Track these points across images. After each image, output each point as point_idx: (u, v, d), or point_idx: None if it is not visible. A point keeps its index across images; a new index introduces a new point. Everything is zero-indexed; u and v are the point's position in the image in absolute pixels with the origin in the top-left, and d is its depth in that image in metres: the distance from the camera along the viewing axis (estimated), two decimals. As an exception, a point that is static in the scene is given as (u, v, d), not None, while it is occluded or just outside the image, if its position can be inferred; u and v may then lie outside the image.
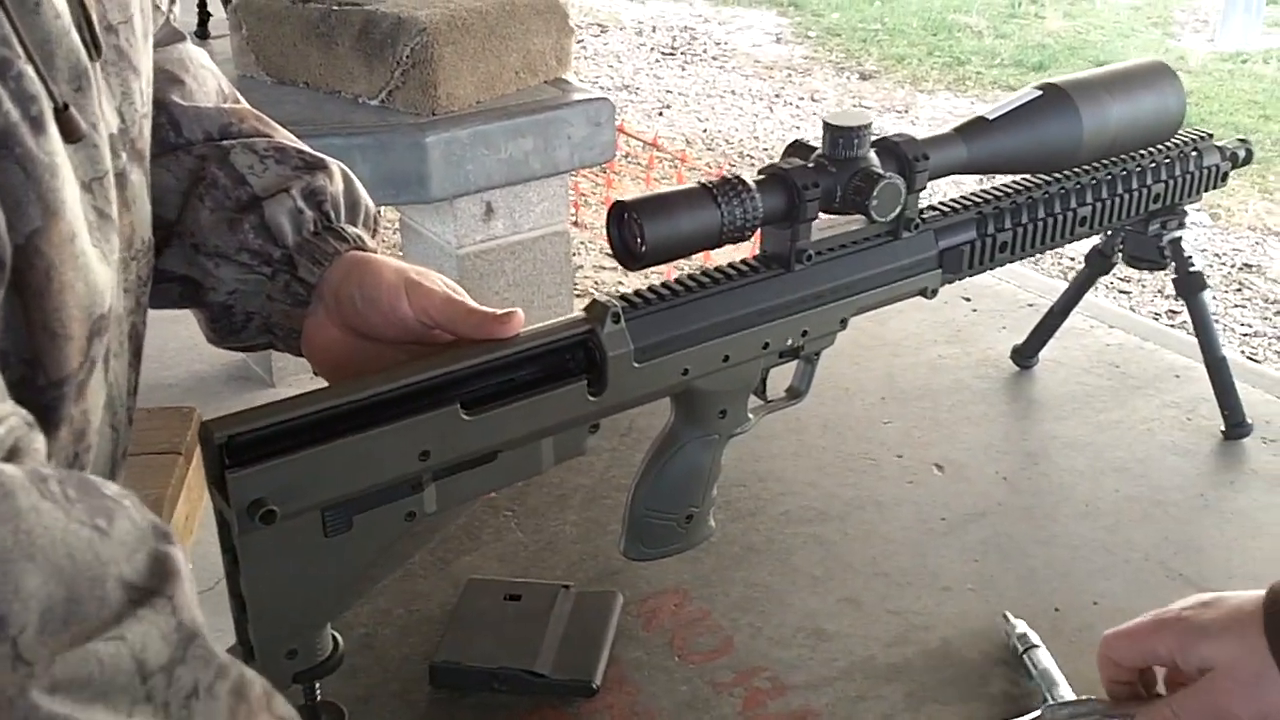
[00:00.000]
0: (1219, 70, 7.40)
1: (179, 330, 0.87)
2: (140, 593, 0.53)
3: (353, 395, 0.82)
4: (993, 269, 1.17)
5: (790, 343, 1.03)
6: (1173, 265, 1.31)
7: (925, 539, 1.17)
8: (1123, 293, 4.41)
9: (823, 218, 1.04)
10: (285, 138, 0.99)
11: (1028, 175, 1.19)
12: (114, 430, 0.86)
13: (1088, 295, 1.44)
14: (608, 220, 0.97)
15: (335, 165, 0.97)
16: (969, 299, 1.60)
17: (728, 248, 1.00)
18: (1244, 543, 1.16)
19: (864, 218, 1.02)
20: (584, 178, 4.68)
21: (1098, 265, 1.37)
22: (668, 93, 6.81)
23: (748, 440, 1.05)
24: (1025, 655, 1.01)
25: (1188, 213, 1.29)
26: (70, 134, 0.67)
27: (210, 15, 2.97)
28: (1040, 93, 1.13)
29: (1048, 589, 1.10)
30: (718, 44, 7.79)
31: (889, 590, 1.10)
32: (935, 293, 1.13)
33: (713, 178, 0.97)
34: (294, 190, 0.92)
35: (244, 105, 1.01)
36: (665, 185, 4.78)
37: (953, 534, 1.18)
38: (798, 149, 1.05)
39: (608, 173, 4.64)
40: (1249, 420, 1.32)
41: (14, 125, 0.61)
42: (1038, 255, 1.22)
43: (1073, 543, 1.17)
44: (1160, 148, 1.25)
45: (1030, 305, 1.59)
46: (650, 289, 0.97)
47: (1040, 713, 0.91)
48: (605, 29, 7.77)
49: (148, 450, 2.16)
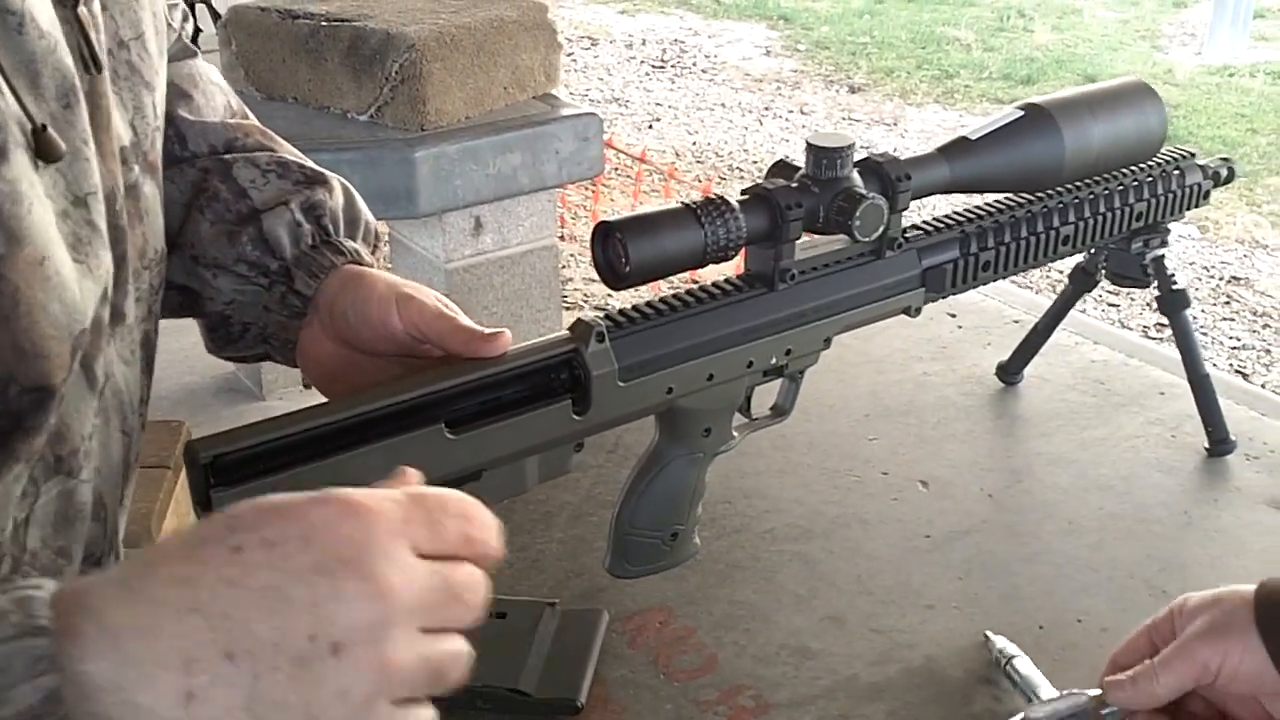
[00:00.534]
0: (1206, 84, 7.43)
1: (168, 343, 0.87)
2: None
3: (337, 415, 0.82)
4: (976, 287, 1.18)
5: (774, 361, 1.04)
6: (1155, 283, 1.31)
7: (910, 556, 1.17)
8: (1111, 305, 4.42)
9: (806, 237, 1.04)
10: (289, 152, 0.99)
11: (1010, 194, 1.20)
12: (125, 435, 0.86)
13: (1073, 312, 1.45)
14: (592, 240, 0.97)
15: (336, 180, 0.97)
16: (954, 315, 1.61)
17: (712, 266, 1.00)
18: (1228, 560, 1.17)
19: (847, 237, 1.03)
20: (572, 191, 4.69)
21: (1081, 283, 1.38)
22: (657, 105, 6.83)
23: (733, 457, 1.05)
24: (1006, 666, 1.01)
25: (1170, 231, 1.30)
26: (49, 155, 0.66)
27: (200, 30, 2.97)
28: (1022, 113, 1.14)
29: (1032, 606, 1.11)
30: (707, 57, 7.81)
31: (873, 608, 1.11)
32: (919, 311, 1.13)
33: (697, 198, 0.97)
34: (293, 204, 0.93)
35: (251, 121, 1.01)
36: (654, 199, 4.79)
37: (937, 551, 1.18)
38: (781, 169, 1.06)
39: (596, 186, 4.64)
40: (1233, 437, 1.32)
41: None
42: (1022, 274, 1.23)
43: (1056, 560, 1.17)
44: (1142, 166, 1.25)
45: (1016, 322, 1.60)
46: (635, 308, 0.98)
47: (1023, 716, 0.91)
48: (596, 42, 7.79)
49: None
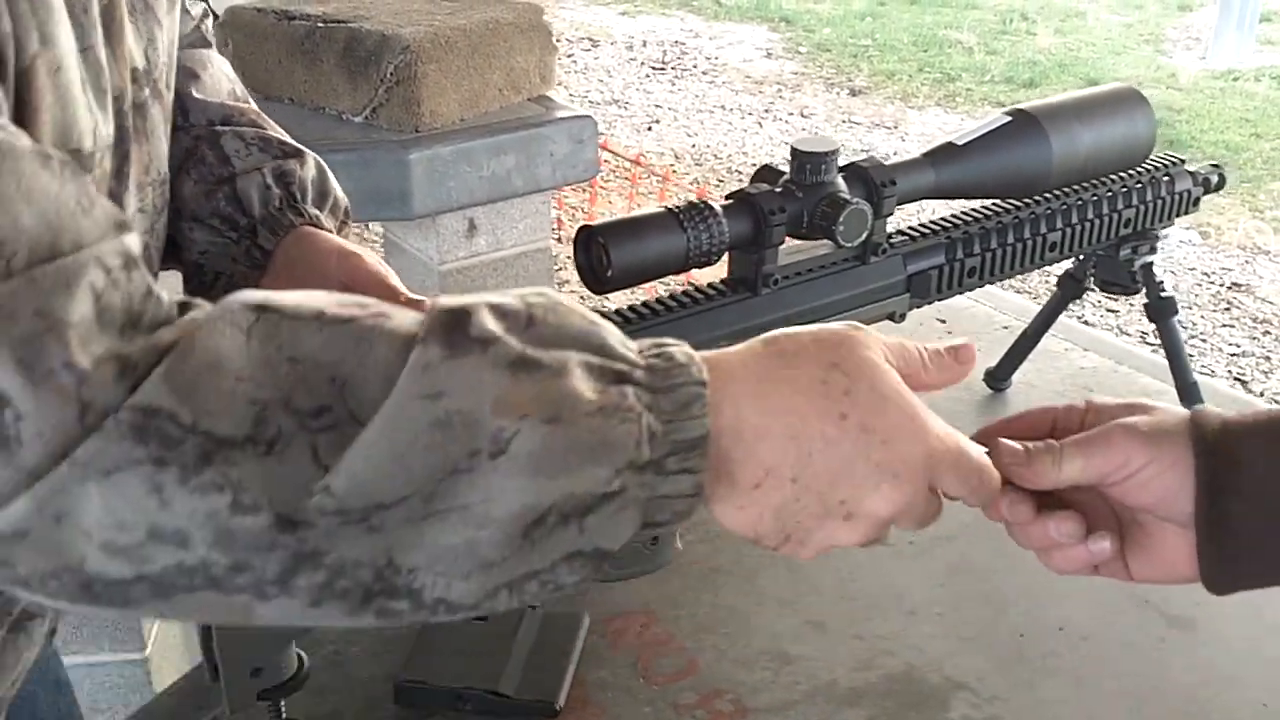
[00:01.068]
0: (1210, 88, 7.43)
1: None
2: None
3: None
4: (961, 293, 1.18)
5: (757, 366, 1.04)
6: (1144, 290, 1.31)
7: (892, 562, 1.17)
8: (1110, 311, 4.40)
9: (791, 242, 1.04)
10: (276, 132, 1.07)
11: (998, 200, 1.20)
12: None
13: (1063, 317, 1.45)
14: (575, 243, 0.98)
15: (311, 157, 1.06)
16: (943, 320, 1.61)
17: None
18: (1210, 567, 1.17)
19: (831, 242, 1.03)
20: (569, 193, 4.69)
21: (1070, 289, 1.38)
22: (657, 107, 6.83)
23: (715, 462, 1.05)
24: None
25: (1159, 237, 1.30)
26: None
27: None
28: (1009, 118, 1.14)
29: (1013, 613, 1.11)
30: (708, 59, 7.81)
31: (855, 613, 1.11)
32: (903, 317, 1.14)
33: (681, 203, 0.98)
34: (266, 170, 1.02)
35: (250, 105, 1.11)
36: (650, 201, 4.79)
37: (920, 557, 1.18)
38: (766, 174, 1.06)
39: (593, 189, 4.64)
40: (1218, 445, 1.32)
41: None
42: (1017, 279, 1.23)
43: (1038, 567, 1.16)
44: (1131, 173, 1.26)
45: (1005, 328, 1.60)
46: (617, 311, 0.98)
47: None
48: (596, 43, 7.80)
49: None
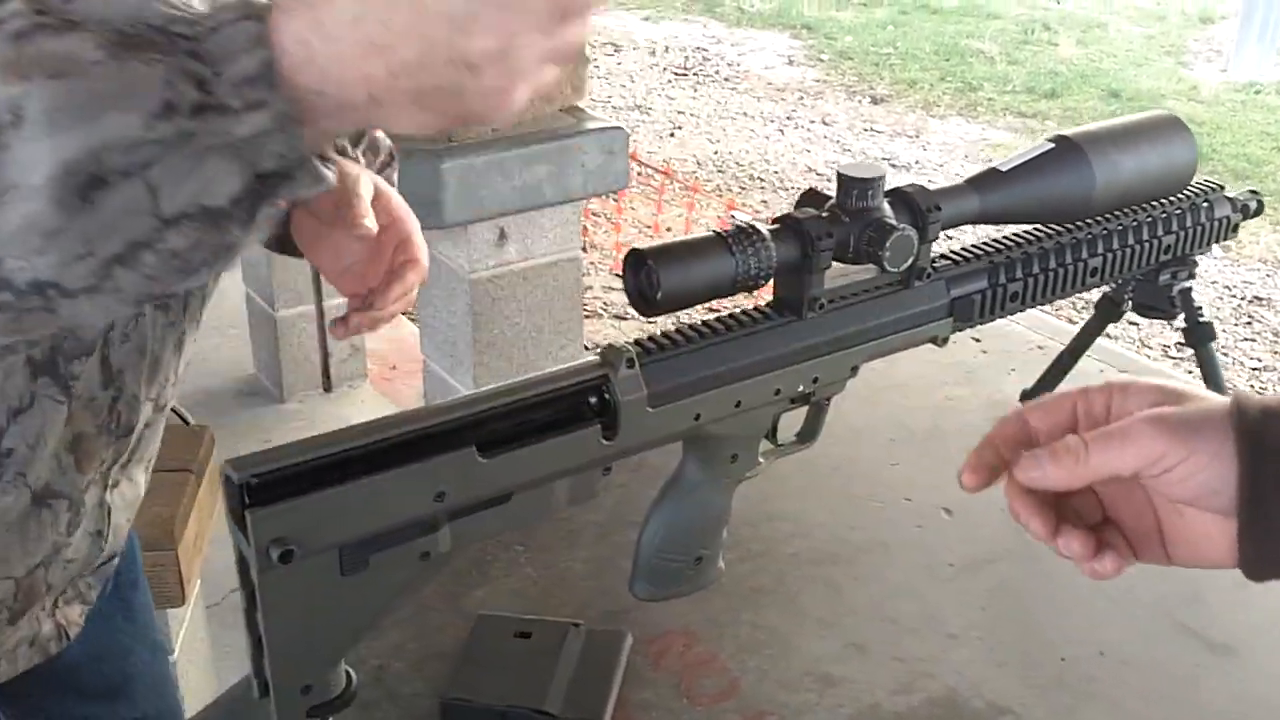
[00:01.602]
0: (1231, 101, 7.41)
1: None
2: None
3: (371, 437, 0.83)
4: (1003, 317, 1.18)
5: (801, 389, 1.04)
6: (1182, 315, 1.32)
7: (933, 584, 1.18)
8: (1132, 323, 4.41)
9: (836, 266, 1.05)
10: None
11: (1039, 225, 1.20)
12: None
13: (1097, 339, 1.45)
14: (624, 267, 0.98)
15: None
16: (979, 340, 1.62)
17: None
18: (1247, 594, 1.16)
19: (876, 267, 1.03)
20: (594, 201, 4.70)
21: (1108, 312, 1.38)
22: (679, 113, 6.84)
23: (757, 480, 1.06)
24: None
25: (1198, 263, 1.30)
26: None
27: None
28: (1053, 145, 1.15)
29: (1054, 638, 1.11)
30: (730, 65, 7.81)
31: (896, 636, 1.11)
32: (946, 341, 1.14)
33: (724, 224, 0.98)
34: None
35: None
36: (676, 209, 4.80)
37: (960, 580, 1.19)
38: (811, 198, 1.06)
39: (619, 198, 4.65)
40: (1255, 470, 1.32)
41: None
42: (1049, 305, 1.23)
43: (1078, 592, 1.18)
44: (1171, 199, 1.26)
45: (1040, 348, 1.60)
46: (664, 334, 0.98)
47: None
48: (619, 48, 7.81)
49: (159, 468, 2.16)
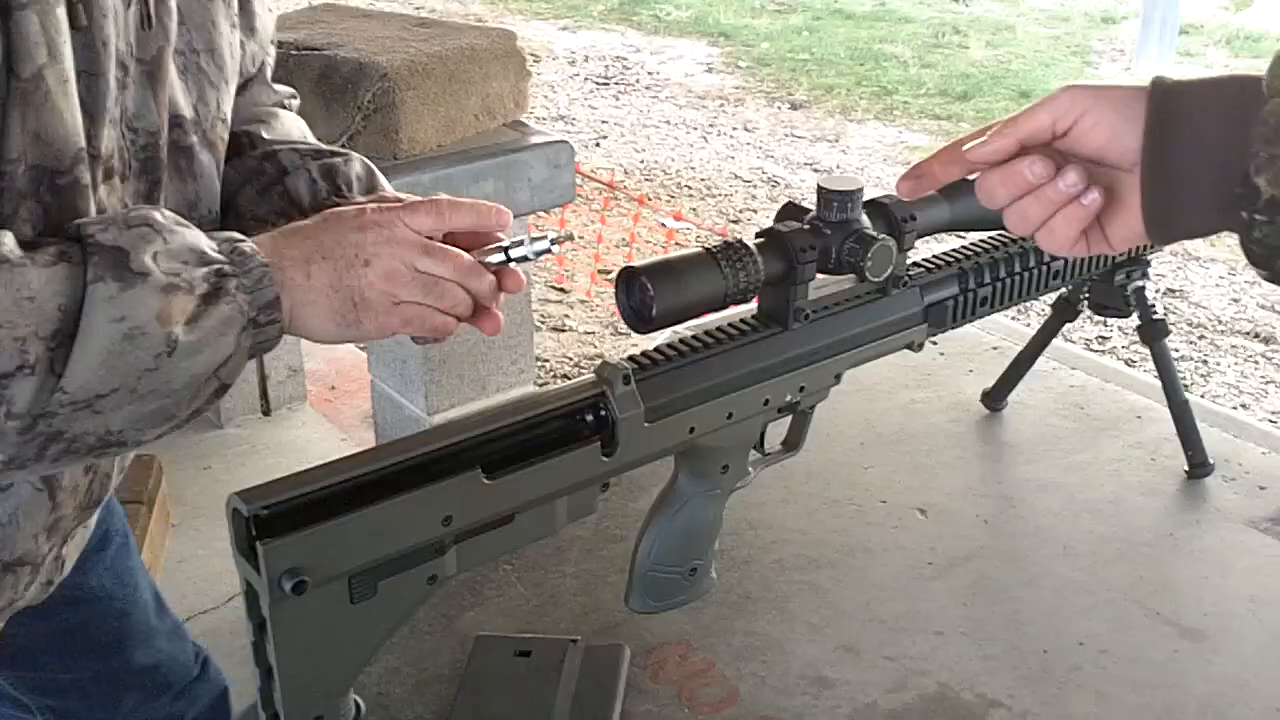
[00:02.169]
0: (1137, 98, 7.57)
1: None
2: None
3: (377, 464, 0.84)
4: (972, 321, 1.22)
5: (789, 398, 1.07)
6: (1136, 313, 1.36)
7: (915, 584, 1.21)
8: (1102, 338, 4.43)
9: (816, 276, 1.07)
10: (330, 147, 1.18)
11: (1003, 231, 1.24)
12: None
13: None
14: (617, 285, 1.00)
15: (358, 157, 1.15)
16: (936, 343, 1.65)
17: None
18: (1215, 581, 1.22)
19: (855, 276, 1.06)
20: (538, 215, 4.69)
21: (1064, 312, 1.43)
22: (603, 123, 6.85)
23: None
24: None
25: (1151, 263, 1.35)
26: (73, 20, 0.88)
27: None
28: (1017, 153, 1.18)
29: (1035, 631, 1.15)
30: (650, 74, 7.85)
31: (885, 636, 1.14)
32: (921, 346, 1.17)
33: (714, 243, 1.00)
34: (312, 168, 1.12)
35: (313, 143, 1.21)
36: (622, 221, 4.80)
37: (941, 578, 1.22)
38: (791, 211, 1.09)
39: (563, 210, 4.65)
40: (1210, 460, 1.37)
41: None
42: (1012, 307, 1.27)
43: (1055, 584, 1.21)
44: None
45: (995, 348, 1.64)
46: (658, 349, 1.00)
47: None
48: (538, 59, 7.81)
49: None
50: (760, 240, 1.03)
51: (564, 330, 4.24)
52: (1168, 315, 5.34)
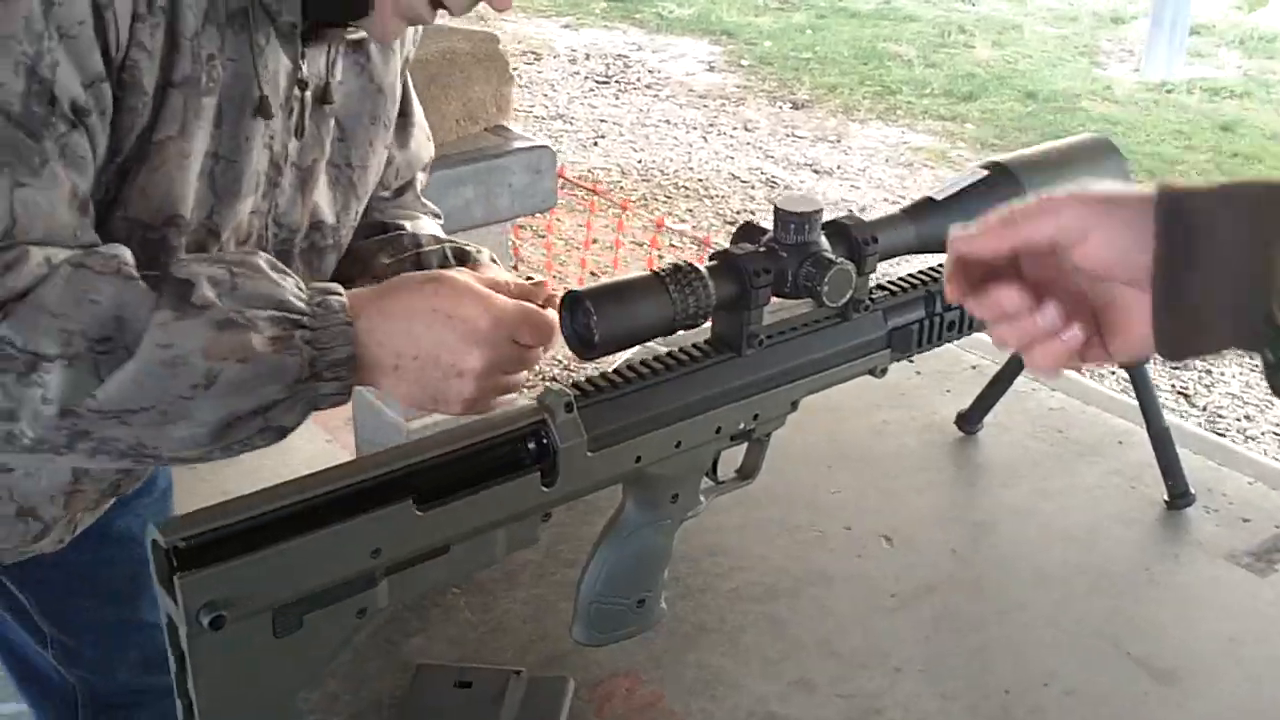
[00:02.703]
0: (1144, 100, 7.53)
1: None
2: None
3: (304, 494, 0.80)
4: (941, 346, 1.18)
5: (742, 426, 1.03)
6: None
7: (876, 616, 1.17)
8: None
9: (773, 300, 1.03)
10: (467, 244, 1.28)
11: (974, 251, 1.20)
12: None
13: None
14: (560, 309, 0.96)
15: (487, 251, 1.24)
16: (912, 361, 1.60)
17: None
18: (1190, 620, 1.17)
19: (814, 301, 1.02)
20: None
21: (1041, 333, 1.38)
22: (602, 122, 6.82)
23: (696, 514, 1.05)
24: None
25: (1130, 284, 1.31)
26: (262, 110, 1.02)
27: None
28: (986, 172, 1.14)
29: (999, 668, 1.11)
30: (651, 72, 7.81)
31: (841, 671, 1.10)
32: (884, 372, 1.13)
33: (664, 266, 0.96)
34: (446, 247, 1.23)
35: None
36: (607, 223, 4.77)
37: (903, 610, 1.18)
38: (748, 232, 1.05)
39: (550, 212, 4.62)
40: (1192, 490, 1.33)
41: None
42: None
43: (1023, 618, 1.17)
44: (1103, 221, 1.26)
45: (974, 367, 1.60)
46: (602, 375, 0.96)
47: None
48: (539, 56, 7.77)
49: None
50: (712, 263, 0.99)
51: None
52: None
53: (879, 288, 1.13)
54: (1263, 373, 0.70)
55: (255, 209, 1.08)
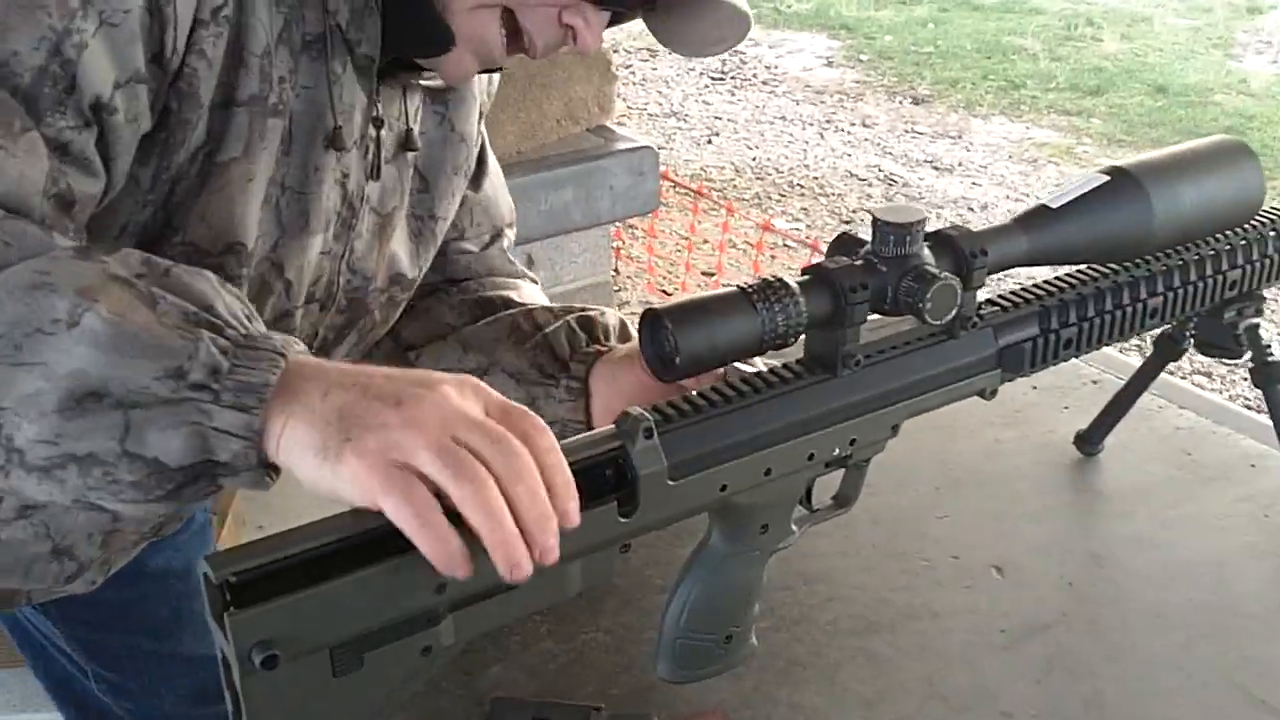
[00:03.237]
0: (1282, 93, 7.23)
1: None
2: None
3: (363, 527, 0.76)
4: (1053, 365, 1.09)
5: (838, 452, 0.96)
6: (1249, 353, 1.22)
7: (984, 655, 1.09)
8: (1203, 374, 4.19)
9: (872, 316, 0.97)
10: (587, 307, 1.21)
11: (1092, 265, 1.11)
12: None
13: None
14: (640, 328, 0.91)
15: (611, 311, 1.18)
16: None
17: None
18: (1328, 664, 1.08)
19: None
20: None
21: (1167, 351, 1.29)
22: (716, 119, 6.75)
23: (791, 538, 0.98)
24: None
25: (1265, 299, 1.21)
26: (335, 143, 0.98)
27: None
28: (1107, 177, 1.06)
29: (1116, 715, 1.02)
30: (768, 68, 7.71)
31: (945, 715, 1.02)
32: (994, 394, 1.06)
33: (752, 281, 0.90)
34: (570, 319, 1.14)
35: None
36: (713, 219, 4.70)
37: (1014, 649, 1.10)
38: (845, 243, 0.98)
39: (653, 218, 4.57)
40: (1332, 520, 1.23)
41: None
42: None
43: (1142, 659, 1.08)
44: (1237, 230, 1.16)
45: (1094, 382, 1.51)
46: (686, 399, 0.90)
47: None
48: (655, 54, 7.72)
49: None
50: (805, 278, 0.93)
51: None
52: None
53: (988, 302, 1.06)
54: None
55: (327, 249, 1.03)
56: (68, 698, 1.41)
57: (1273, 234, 1.18)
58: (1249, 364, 1.24)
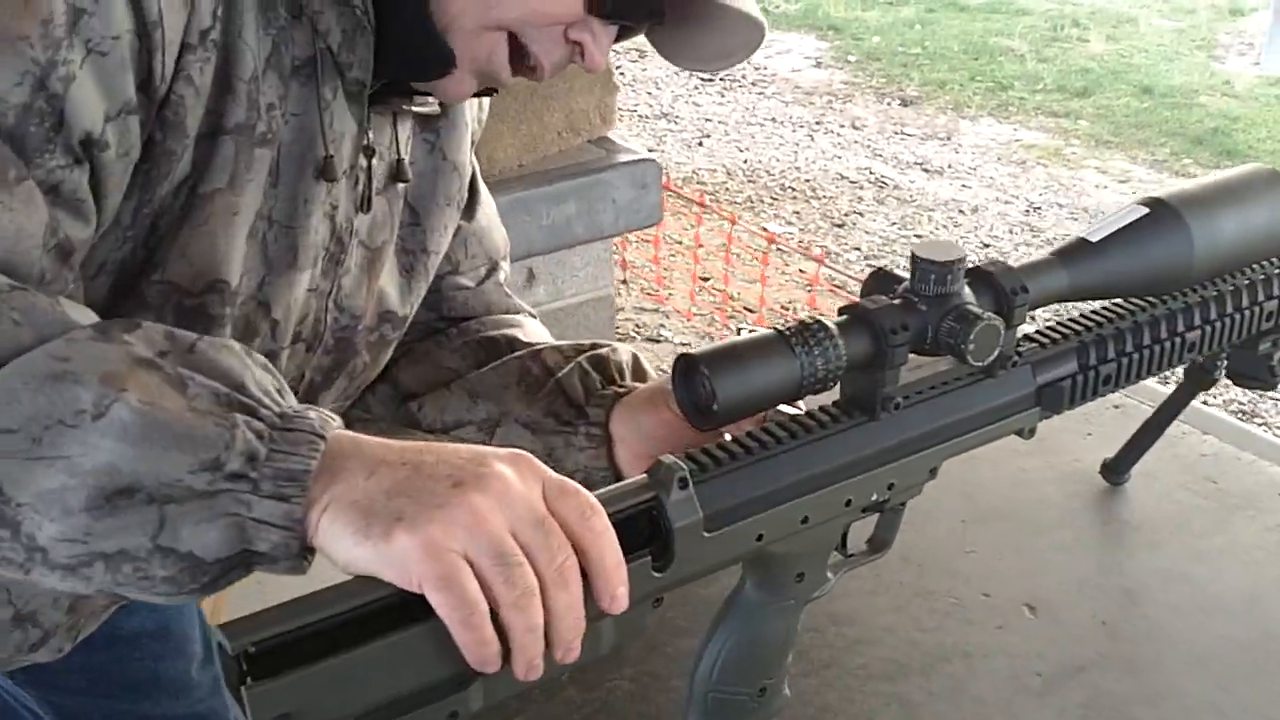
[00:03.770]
0: (1266, 95, 7.24)
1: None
2: None
3: (386, 590, 0.72)
4: (1091, 401, 1.07)
5: (875, 497, 0.93)
6: (1284, 384, 1.19)
7: (1020, 698, 1.06)
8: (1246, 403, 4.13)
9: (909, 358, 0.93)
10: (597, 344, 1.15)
11: (1128, 298, 1.08)
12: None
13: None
14: (673, 374, 0.87)
15: (623, 347, 1.12)
16: (1049, 400, 1.49)
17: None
18: (1374, 705, 1.05)
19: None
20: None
21: (1198, 380, 1.26)
22: (706, 121, 6.72)
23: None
24: None
25: (1301, 328, 1.18)
26: (326, 173, 0.91)
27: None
28: (1146, 209, 1.03)
29: (1158, 764, 1.00)
30: (757, 69, 7.68)
31: (982, 766, 1.00)
32: (1033, 433, 1.03)
33: (789, 323, 0.87)
34: (582, 360, 1.08)
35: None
36: (717, 227, 4.66)
37: (1050, 693, 1.07)
38: (881, 280, 0.95)
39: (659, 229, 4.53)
40: (1368, 552, 1.21)
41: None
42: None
43: (1182, 701, 1.06)
44: (1273, 260, 1.14)
45: (1117, 407, 1.48)
46: (720, 445, 0.87)
47: None
48: (644, 54, 7.69)
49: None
50: (843, 319, 0.89)
51: (659, 341, 4.12)
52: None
53: (1026, 338, 1.02)
54: None
55: (314, 286, 0.96)
56: None
57: (1309, 263, 1.15)
58: (1283, 395, 1.21)
